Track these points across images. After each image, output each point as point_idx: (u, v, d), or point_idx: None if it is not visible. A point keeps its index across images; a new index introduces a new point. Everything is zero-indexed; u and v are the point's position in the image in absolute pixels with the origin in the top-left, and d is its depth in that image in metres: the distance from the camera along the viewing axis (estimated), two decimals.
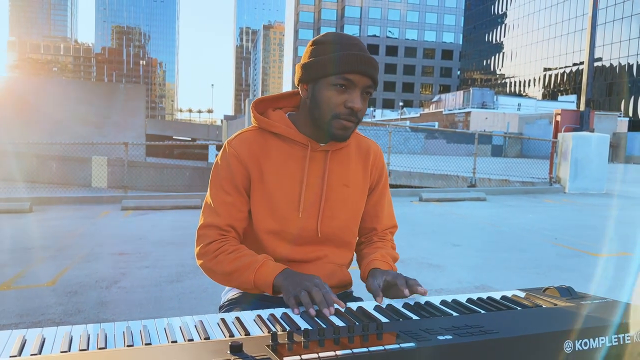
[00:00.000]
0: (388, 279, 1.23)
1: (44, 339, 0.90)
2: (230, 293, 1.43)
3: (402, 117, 58.52)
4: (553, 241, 5.79)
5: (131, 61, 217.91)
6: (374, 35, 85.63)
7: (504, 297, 1.24)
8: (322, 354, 0.80)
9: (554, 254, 5.17)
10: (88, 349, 0.86)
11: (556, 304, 1.18)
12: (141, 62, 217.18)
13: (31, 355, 0.83)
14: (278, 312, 1.07)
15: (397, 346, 0.85)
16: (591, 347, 0.99)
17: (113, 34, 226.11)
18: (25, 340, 0.90)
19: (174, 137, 34.14)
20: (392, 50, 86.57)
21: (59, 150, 12.60)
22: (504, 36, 72.05)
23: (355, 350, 0.83)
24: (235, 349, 0.80)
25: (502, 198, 10.15)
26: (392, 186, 11.50)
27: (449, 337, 0.91)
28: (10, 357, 0.82)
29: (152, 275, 4.21)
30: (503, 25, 72.17)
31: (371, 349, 0.84)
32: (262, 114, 1.38)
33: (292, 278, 1.17)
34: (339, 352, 0.81)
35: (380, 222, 1.49)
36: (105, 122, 18.22)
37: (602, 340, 1.00)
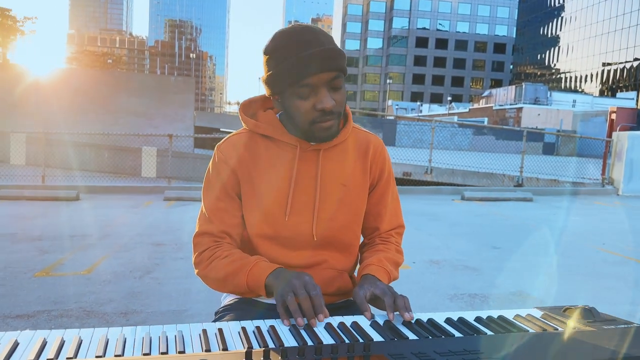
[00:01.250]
0: (376, 293, 1.15)
1: (63, 342, 0.88)
2: (227, 298, 1.39)
3: (450, 112, 57.33)
4: (600, 246, 5.50)
5: (183, 54, 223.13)
6: (424, 28, 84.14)
7: (517, 317, 1.14)
8: None
9: (600, 260, 4.90)
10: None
11: (574, 328, 1.08)
12: (191, 55, 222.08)
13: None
14: (266, 324, 1.02)
15: None
16: None
17: (166, 27, 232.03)
18: (46, 343, 0.87)
19: (221, 130, 34.74)
20: (442, 44, 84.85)
21: (111, 140, 13.03)
22: (561, 29, 69.18)
23: None
24: None
25: (549, 199, 9.75)
26: (432, 183, 11.27)
27: None
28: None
29: (185, 267, 4.26)
30: (560, 18, 69.28)
31: None
32: (252, 116, 1.32)
33: (282, 277, 1.11)
34: None
35: (383, 222, 1.39)
36: (156, 114, 18.74)
37: None
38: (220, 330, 0.96)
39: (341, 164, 1.30)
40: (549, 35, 71.96)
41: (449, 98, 65.62)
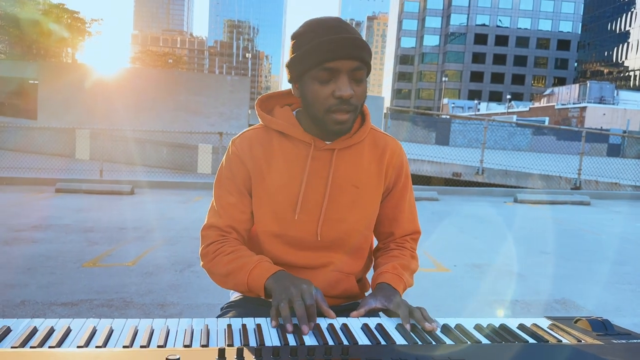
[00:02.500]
0: (390, 308, 1.13)
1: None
2: (233, 295, 1.40)
3: (510, 110, 55.45)
4: None
5: (240, 54, 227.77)
6: (483, 25, 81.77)
7: (520, 326, 1.08)
8: None
9: None
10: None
11: (581, 340, 1.01)
12: (247, 55, 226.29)
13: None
14: (251, 322, 1.02)
15: None
16: None
17: (225, 27, 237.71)
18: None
19: None
20: (502, 40, 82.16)
21: (170, 137, 13.52)
22: (630, 25, 65.36)
23: None
24: None
25: (609, 203, 9.24)
26: (484, 185, 10.95)
27: None
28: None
29: None
30: (630, 13, 65.50)
31: None
32: (269, 112, 1.31)
33: (282, 282, 1.10)
34: None
35: (399, 227, 1.36)
36: (212, 112, 19.28)
37: None
38: (207, 326, 0.97)
39: (355, 165, 1.28)
40: (618, 31, 68.17)
41: (508, 96, 63.53)
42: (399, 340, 0.97)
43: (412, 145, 15.70)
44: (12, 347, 0.85)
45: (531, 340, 1.00)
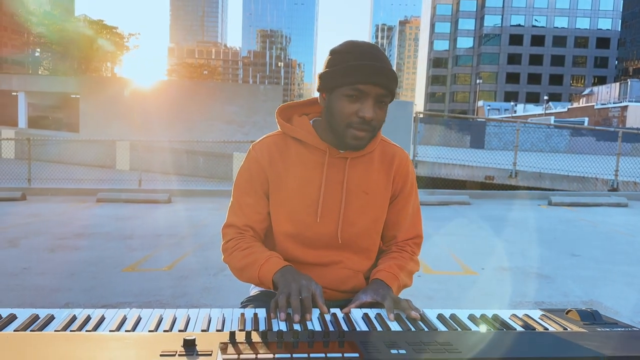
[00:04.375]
0: (377, 299, 1.23)
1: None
2: (253, 290, 1.53)
3: (547, 112, 54.16)
4: None
5: (273, 63, 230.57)
6: (518, 25, 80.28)
7: (512, 317, 1.17)
8: (260, 355, 0.86)
9: None
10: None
11: (566, 328, 1.09)
12: (280, 64, 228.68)
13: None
14: (262, 312, 1.14)
15: (339, 355, 0.87)
16: None
17: (257, 37, 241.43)
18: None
19: None
20: (538, 40, 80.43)
21: (205, 147, 13.88)
22: None
23: (295, 355, 0.86)
24: (188, 343, 0.89)
25: None
26: (518, 188, 10.80)
27: (403, 351, 0.90)
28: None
29: None
30: None
31: (312, 355, 0.87)
32: (288, 120, 1.43)
33: (286, 277, 1.22)
34: (277, 355, 0.86)
35: (401, 231, 1.46)
36: (246, 121, 19.67)
37: None
38: (222, 314, 1.10)
39: (365, 173, 1.39)
40: None
41: (546, 97, 62.09)
42: (394, 327, 1.07)
43: (444, 149, 15.60)
44: (55, 331, 0.99)
45: (519, 329, 1.08)
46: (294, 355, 0.86)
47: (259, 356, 0.86)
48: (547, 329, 1.09)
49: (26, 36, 40.98)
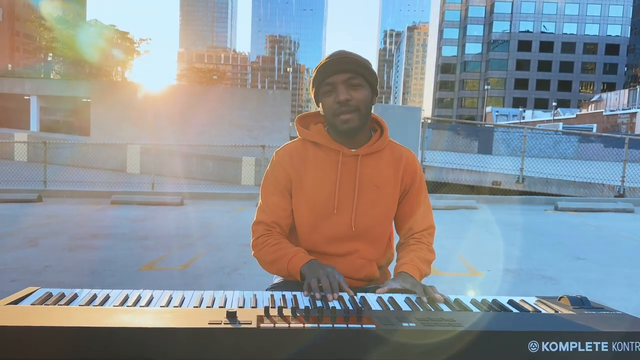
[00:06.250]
0: (407, 287, 1.38)
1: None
2: (276, 279, 1.69)
3: (556, 118, 54.05)
4: None
5: (282, 68, 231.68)
6: (527, 31, 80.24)
7: (510, 301, 1.31)
8: (292, 325, 1.01)
9: None
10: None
11: (557, 311, 1.24)
12: (289, 69, 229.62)
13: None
14: (289, 295, 1.30)
15: (358, 326, 1.03)
16: (560, 349, 1.05)
17: (266, 43, 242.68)
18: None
19: None
20: (546, 47, 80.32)
21: (214, 151, 14.09)
22: None
23: (321, 325, 1.02)
24: (230, 315, 1.05)
25: None
26: (525, 193, 10.89)
27: (413, 324, 1.05)
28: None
29: None
30: None
31: (336, 325, 1.02)
32: (306, 127, 1.63)
33: (312, 268, 1.39)
34: (307, 325, 1.02)
35: (415, 222, 1.63)
36: (255, 126, 19.89)
37: (574, 345, 1.06)
38: (254, 295, 1.26)
39: (376, 169, 1.58)
40: None
41: (554, 103, 61.97)
42: (405, 308, 1.23)
43: (451, 154, 15.71)
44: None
45: (514, 311, 1.23)
46: (321, 326, 1.02)
47: (292, 326, 1.02)
48: (540, 312, 1.24)
49: (38, 40, 41.51)
